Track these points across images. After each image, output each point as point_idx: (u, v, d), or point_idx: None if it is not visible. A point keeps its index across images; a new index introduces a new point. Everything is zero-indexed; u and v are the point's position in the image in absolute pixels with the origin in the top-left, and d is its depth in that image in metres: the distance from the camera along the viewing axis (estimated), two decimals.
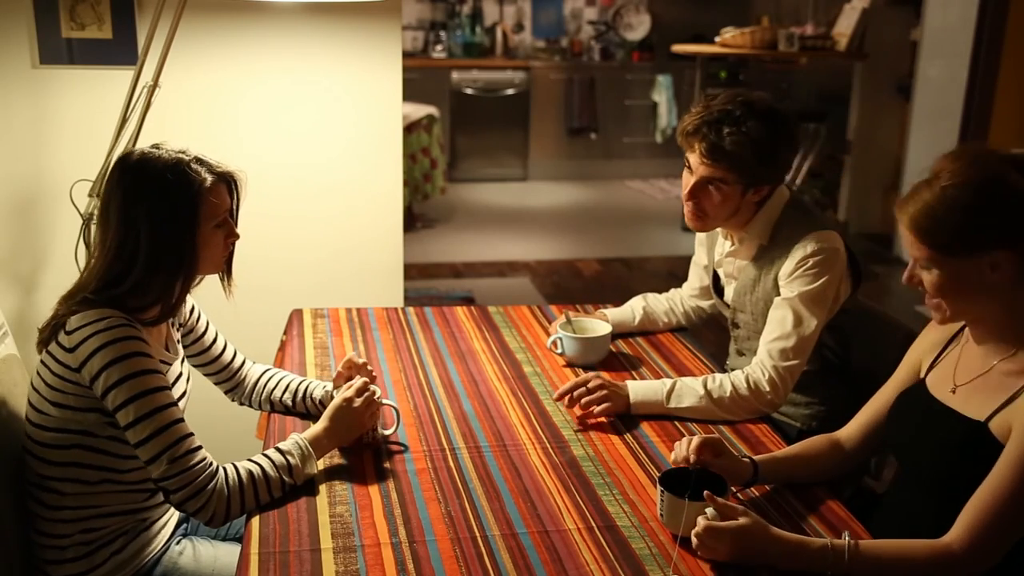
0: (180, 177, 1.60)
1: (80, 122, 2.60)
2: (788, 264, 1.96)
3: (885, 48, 6.33)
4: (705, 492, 1.41)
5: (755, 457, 1.64)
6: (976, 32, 5.07)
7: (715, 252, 2.21)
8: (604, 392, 1.88)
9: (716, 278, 2.24)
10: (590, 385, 1.89)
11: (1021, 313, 1.47)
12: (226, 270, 1.78)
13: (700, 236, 2.29)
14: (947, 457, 1.43)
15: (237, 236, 1.72)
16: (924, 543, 1.38)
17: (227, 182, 1.68)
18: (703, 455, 1.54)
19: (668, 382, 1.92)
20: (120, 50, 2.56)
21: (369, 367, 1.84)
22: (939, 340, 1.65)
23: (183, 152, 1.64)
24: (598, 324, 2.18)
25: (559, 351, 2.14)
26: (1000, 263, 1.42)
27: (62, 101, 2.60)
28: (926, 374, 1.63)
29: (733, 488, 1.56)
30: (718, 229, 2.14)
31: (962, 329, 1.60)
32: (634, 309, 2.35)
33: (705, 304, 2.34)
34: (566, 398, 1.90)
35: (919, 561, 1.37)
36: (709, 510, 1.39)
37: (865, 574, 1.36)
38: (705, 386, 1.90)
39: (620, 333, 2.29)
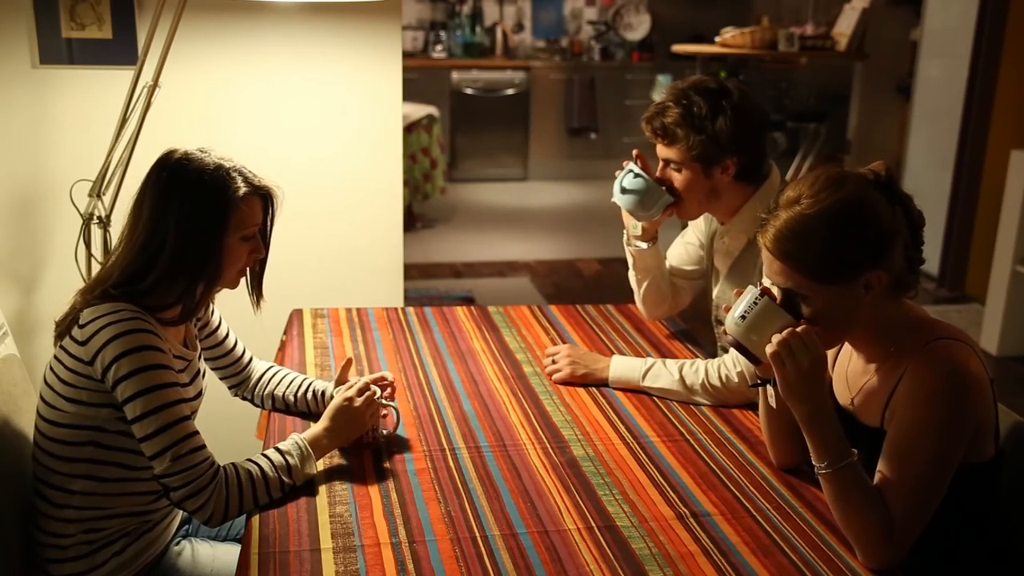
0: (216, 181, 1.60)
1: (80, 122, 2.60)
2: None
3: (885, 48, 6.33)
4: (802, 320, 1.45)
5: None
6: (976, 32, 5.06)
7: (711, 242, 2.19)
8: (571, 362, 2.04)
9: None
10: (557, 357, 2.07)
11: (888, 319, 1.50)
12: (256, 286, 1.78)
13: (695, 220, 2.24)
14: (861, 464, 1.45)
15: (263, 254, 1.72)
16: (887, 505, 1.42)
17: (263, 197, 1.68)
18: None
19: (649, 361, 2.02)
20: (120, 50, 2.56)
21: (387, 376, 1.87)
22: None
23: (226, 159, 1.64)
24: None
25: (621, 189, 2.06)
26: (872, 282, 1.44)
27: (62, 101, 2.60)
28: (831, 377, 1.67)
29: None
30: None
31: None
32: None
33: (682, 282, 2.29)
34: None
35: (876, 511, 1.40)
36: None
37: (836, 483, 1.42)
38: (680, 370, 1.97)
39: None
